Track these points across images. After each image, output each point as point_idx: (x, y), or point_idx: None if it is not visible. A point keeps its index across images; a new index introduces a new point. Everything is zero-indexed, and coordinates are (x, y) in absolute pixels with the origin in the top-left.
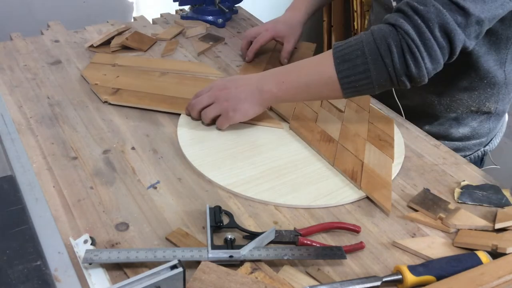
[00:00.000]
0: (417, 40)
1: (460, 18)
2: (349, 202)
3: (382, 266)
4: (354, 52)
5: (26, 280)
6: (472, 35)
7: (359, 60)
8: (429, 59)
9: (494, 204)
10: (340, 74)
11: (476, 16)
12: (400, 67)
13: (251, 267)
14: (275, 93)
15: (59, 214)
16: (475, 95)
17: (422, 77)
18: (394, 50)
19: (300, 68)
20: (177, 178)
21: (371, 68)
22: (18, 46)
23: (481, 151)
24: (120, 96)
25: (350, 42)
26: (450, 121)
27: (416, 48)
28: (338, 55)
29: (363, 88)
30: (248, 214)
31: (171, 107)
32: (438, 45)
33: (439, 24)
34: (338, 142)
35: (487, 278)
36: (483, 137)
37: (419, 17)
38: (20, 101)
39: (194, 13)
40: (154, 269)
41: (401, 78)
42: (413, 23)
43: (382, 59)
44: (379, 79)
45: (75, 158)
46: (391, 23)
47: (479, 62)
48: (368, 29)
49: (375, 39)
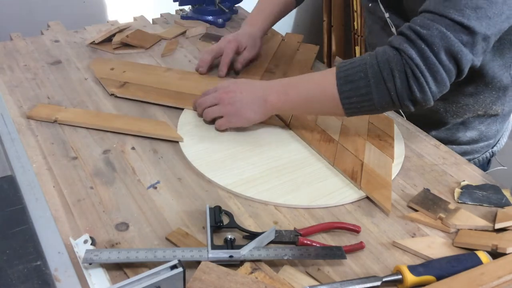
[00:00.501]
0: (421, 65)
1: (466, 37)
2: (349, 202)
3: (382, 266)
4: (357, 74)
5: (26, 280)
6: (480, 52)
7: (362, 83)
8: (434, 83)
9: (494, 204)
10: (342, 95)
11: (482, 34)
12: (403, 92)
13: (251, 267)
14: (277, 104)
15: (59, 214)
16: (481, 99)
17: (428, 101)
18: (397, 75)
19: (304, 82)
20: (177, 178)
21: (373, 91)
22: (18, 46)
23: (489, 152)
24: (126, 90)
25: (354, 62)
26: (457, 125)
27: (420, 74)
28: (341, 75)
29: (365, 109)
30: (248, 214)
31: (176, 102)
32: (444, 69)
33: (444, 47)
34: (338, 142)
35: (487, 278)
36: (490, 139)
37: (423, 41)
38: (20, 101)
39: (194, 13)
40: (154, 269)
41: (404, 102)
42: (417, 48)
43: (384, 83)
44: (381, 102)
45: (75, 158)
46: (395, 47)
47: (484, 69)
48: (374, 51)
49: (378, 62)
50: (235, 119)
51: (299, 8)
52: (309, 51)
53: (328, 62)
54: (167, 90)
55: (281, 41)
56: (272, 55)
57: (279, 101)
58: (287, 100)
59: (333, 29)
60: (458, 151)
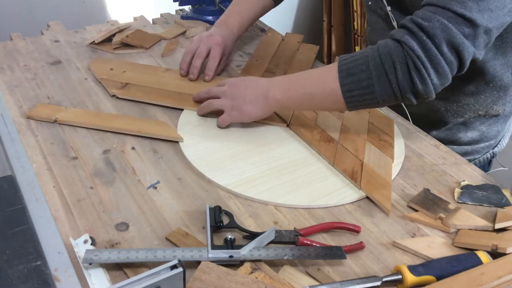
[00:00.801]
0: (422, 57)
1: (468, 30)
2: (349, 202)
3: (382, 266)
4: (358, 67)
5: (26, 280)
6: (481, 45)
7: (363, 75)
8: (436, 75)
9: (494, 204)
10: (344, 88)
11: (484, 27)
12: (405, 84)
13: (251, 267)
14: (280, 100)
15: (59, 214)
16: (482, 99)
17: (429, 93)
18: (399, 66)
19: (306, 77)
20: (177, 178)
21: (375, 84)
22: (18, 46)
23: (490, 153)
24: (128, 91)
25: (356, 55)
26: (458, 125)
27: (422, 65)
28: (342, 68)
29: (367, 102)
30: (248, 214)
31: (176, 102)
32: (445, 61)
33: (446, 39)
34: (338, 142)
35: (487, 278)
36: (491, 140)
37: (424, 33)
38: (20, 101)
39: (194, 13)
40: (154, 269)
41: (406, 94)
42: (418, 40)
43: (386, 75)
44: (383, 94)
45: (75, 158)
46: (397, 39)
47: (485, 67)
48: (375, 44)
49: (380, 55)
50: (236, 114)
51: (299, 8)
52: (309, 51)
53: (328, 62)
54: (167, 91)
55: (281, 41)
56: (272, 55)
57: (282, 97)
58: (290, 95)
59: (333, 29)
60: (459, 151)
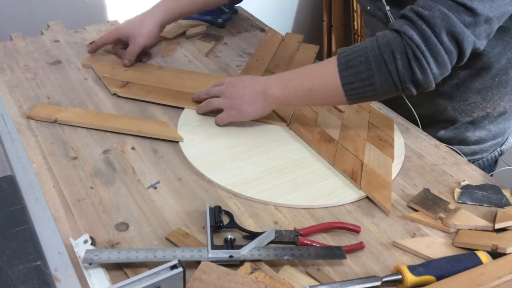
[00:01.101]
0: (422, 46)
1: (468, 18)
2: (349, 202)
3: (382, 266)
4: (358, 58)
5: (26, 280)
6: (482, 35)
7: (363, 67)
8: (435, 65)
9: (494, 204)
10: (344, 80)
11: (484, 16)
12: (405, 73)
13: (251, 267)
14: (279, 97)
15: (59, 214)
16: (488, 96)
17: (429, 83)
18: (398, 56)
19: (305, 73)
20: (177, 178)
21: (375, 75)
22: (18, 46)
23: (497, 151)
24: (129, 89)
25: (355, 47)
26: (466, 124)
27: (421, 54)
28: (342, 60)
29: (367, 94)
30: (248, 214)
31: (176, 101)
32: (445, 50)
33: (446, 28)
34: (338, 142)
35: (487, 278)
36: (498, 137)
37: (424, 22)
38: (20, 101)
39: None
40: (154, 269)
41: (406, 84)
42: (418, 29)
43: (386, 66)
44: (383, 85)
45: (75, 158)
46: (395, 29)
47: (491, 62)
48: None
49: (379, 45)
50: (235, 114)
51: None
52: (309, 51)
53: None
54: (168, 90)
55: (281, 41)
56: (272, 55)
57: (281, 94)
58: (289, 91)
59: (333, 29)
60: (467, 151)
